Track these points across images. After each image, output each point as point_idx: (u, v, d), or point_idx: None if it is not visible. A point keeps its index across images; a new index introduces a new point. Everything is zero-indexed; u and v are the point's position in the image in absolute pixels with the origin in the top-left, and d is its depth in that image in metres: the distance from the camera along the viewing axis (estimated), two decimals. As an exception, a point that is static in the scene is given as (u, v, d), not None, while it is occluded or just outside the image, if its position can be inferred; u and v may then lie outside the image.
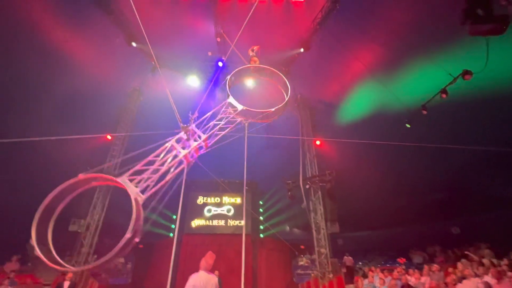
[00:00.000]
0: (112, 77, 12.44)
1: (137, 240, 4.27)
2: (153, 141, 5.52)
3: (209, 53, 12.99)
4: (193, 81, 13.77)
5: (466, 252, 10.37)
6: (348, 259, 13.15)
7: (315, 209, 11.51)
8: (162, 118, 7.60)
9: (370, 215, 16.89)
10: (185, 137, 5.36)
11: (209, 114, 5.58)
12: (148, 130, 6.61)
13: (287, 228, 21.57)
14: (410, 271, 8.79)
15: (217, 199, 16.64)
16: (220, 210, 16.30)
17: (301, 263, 15.50)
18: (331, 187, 11.03)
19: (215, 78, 13.21)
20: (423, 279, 8.10)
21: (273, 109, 5.78)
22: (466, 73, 7.85)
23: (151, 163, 5.07)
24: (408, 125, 10.68)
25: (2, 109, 11.10)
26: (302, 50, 12.19)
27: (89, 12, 10.34)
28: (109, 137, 12.09)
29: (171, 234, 15.14)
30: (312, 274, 11.22)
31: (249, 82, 12.04)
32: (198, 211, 16.07)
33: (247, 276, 12.25)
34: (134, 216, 4.32)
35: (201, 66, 13.69)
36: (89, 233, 10.44)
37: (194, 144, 5.31)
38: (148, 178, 4.87)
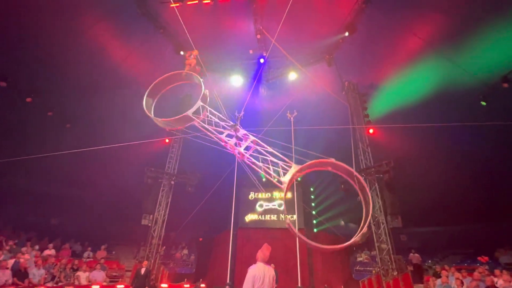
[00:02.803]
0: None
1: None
2: (205, 140, 5.85)
3: (251, 51, 13.16)
4: (237, 81, 14.18)
5: None
6: (414, 257, 12.00)
7: (373, 203, 10.74)
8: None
9: (440, 209, 15.02)
10: (235, 134, 5.54)
11: (272, 151, 5.27)
12: (200, 131, 7.03)
13: (342, 222, 20.68)
14: (497, 271, 7.55)
15: (268, 194, 16.89)
16: (271, 205, 16.52)
17: (359, 259, 14.73)
18: (389, 178, 10.13)
19: (258, 75, 13.35)
20: (515, 282, 6.87)
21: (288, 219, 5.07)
22: None
23: (216, 125, 5.50)
24: (483, 103, 9.08)
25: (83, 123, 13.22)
26: (347, 34, 11.41)
27: (142, 29, 11.49)
28: (167, 140, 13.34)
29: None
30: (373, 271, 10.55)
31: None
32: (250, 207, 16.58)
33: (303, 271, 12.18)
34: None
35: (244, 65, 13.99)
36: (157, 226, 11.72)
37: (234, 144, 5.34)
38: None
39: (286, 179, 4.83)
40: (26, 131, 12.18)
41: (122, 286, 9.47)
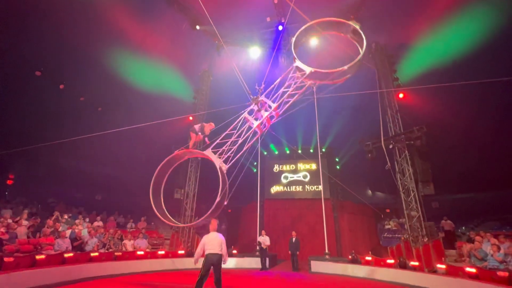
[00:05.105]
0: (184, 63, 13.62)
1: (225, 202, 5.15)
2: (228, 116, 5.90)
3: (268, 19, 12.49)
4: (255, 52, 13.72)
5: None
6: (447, 223, 11.73)
7: (402, 170, 10.42)
8: (233, 93, 7.98)
9: (475, 175, 14.19)
10: (256, 108, 5.56)
11: (276, 82, 5.56)
12: (222, 106, 7.09)
13: (369, 191, 20.49)
14: (539, 237, 7.16)
15: (292, 166, 17.03)
16: (296, 176, 16.71)
17: (387, 226, 14.72)
18: (421, 144, 9.62)
19: (278, 44, 12.77)
20: (559, 247, 6.51)
21: (345, 67, 5.21)
22: None
23: (229, 136, 5.62)
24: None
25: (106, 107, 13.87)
26: (373, -12, 10.32)
27: (157, 7, 11.31)
28: (190, 118, 13.64)
29: (254, 170, 16.15)
30: (402, 238, 10.53)
31: (315, 42, 11.16)
32: (275, 179, 16.93)
33: (330, 238, 12.51)
34: (221, 182, 5.08)
35: (262, 35, 13.40)
36: (189, 200, 12.51)
37: (265, 114, 5.49)
38: (229, 149, 5.48)
39: (300, 65, 5.48)
40: (62, 115, 13.09)
41: (163, 252, 10.48)
